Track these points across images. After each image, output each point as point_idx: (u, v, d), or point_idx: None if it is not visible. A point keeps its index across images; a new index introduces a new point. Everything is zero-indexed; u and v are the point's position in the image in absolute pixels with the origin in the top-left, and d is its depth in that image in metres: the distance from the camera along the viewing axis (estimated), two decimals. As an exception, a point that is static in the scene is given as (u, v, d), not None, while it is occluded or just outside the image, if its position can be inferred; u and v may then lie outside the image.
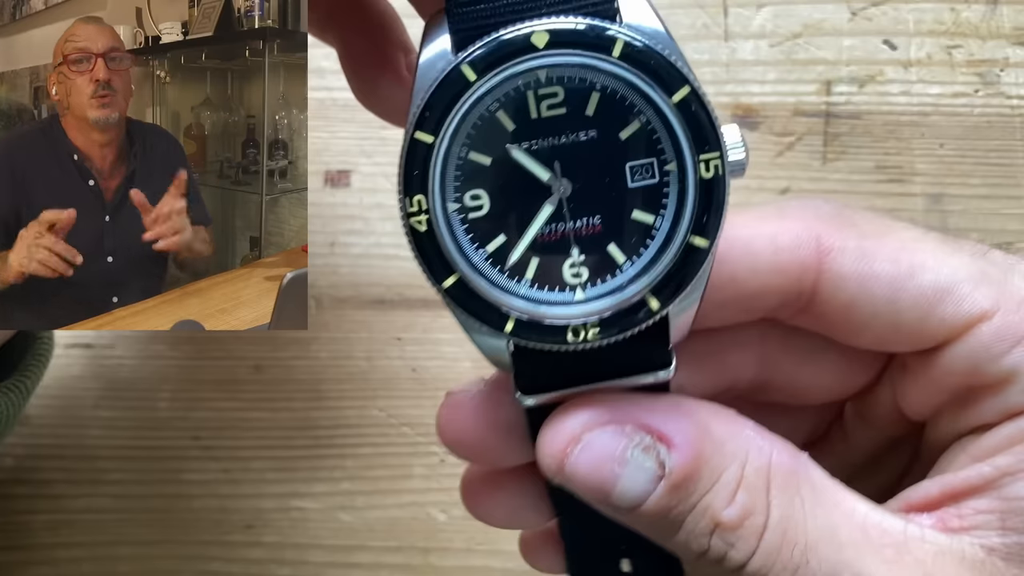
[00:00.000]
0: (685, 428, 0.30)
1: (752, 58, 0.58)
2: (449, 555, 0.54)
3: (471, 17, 0.30)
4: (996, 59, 0.57)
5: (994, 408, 0.32)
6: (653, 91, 0.29)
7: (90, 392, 0.56)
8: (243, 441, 0.55)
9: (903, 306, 0.32)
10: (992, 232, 0.55)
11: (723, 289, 0.33)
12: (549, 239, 0.30)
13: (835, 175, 0.56)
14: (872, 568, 0.30)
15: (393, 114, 0.43)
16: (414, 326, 0.56)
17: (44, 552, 0.55)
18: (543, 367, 0.31)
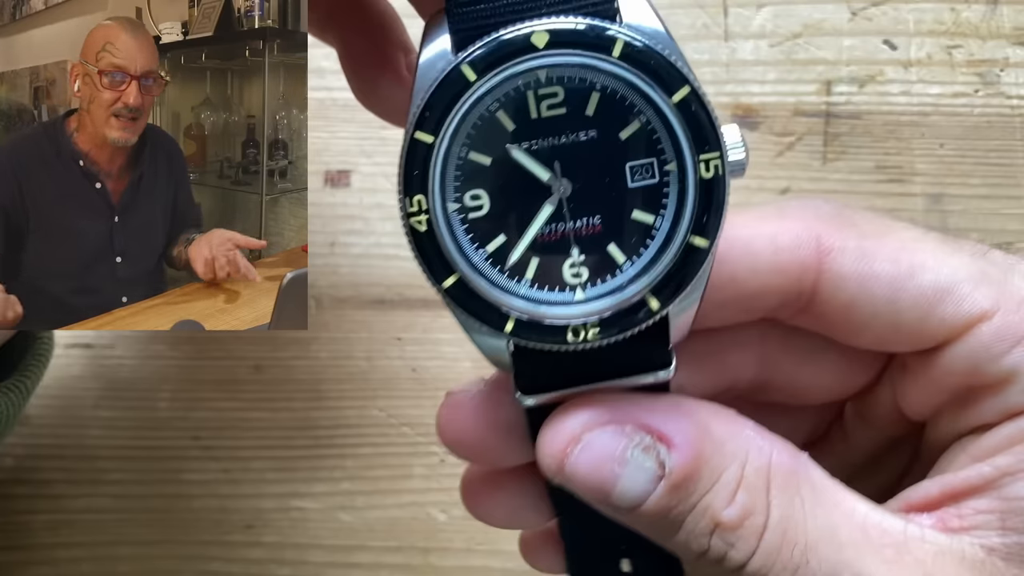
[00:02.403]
0: (685, 428, 0.30)
1: (752, 58, 0.58)
2: (449, 555, 0.54)
3: (471, 17, 0.30)
4: (996, 59, 0.57)
5: (994, 408, 0.32)
6: (653, 91, 0.29)
7: (90, 392, 0.56)
8: (243, 441, 0.55)
9: (903, 306, 0.32)
10: (992, 232, 0.55)
11: (723, 289, 0.33)
12: (549, 239, 0.30)
13: (835, 175, 0.56)
14: (872, 568, 0.30)
15: (393, 114, 0.43)
16: (414, 326, 0.56)
17: (44, 552, 0.55)
18: (543, 367, 0.31)
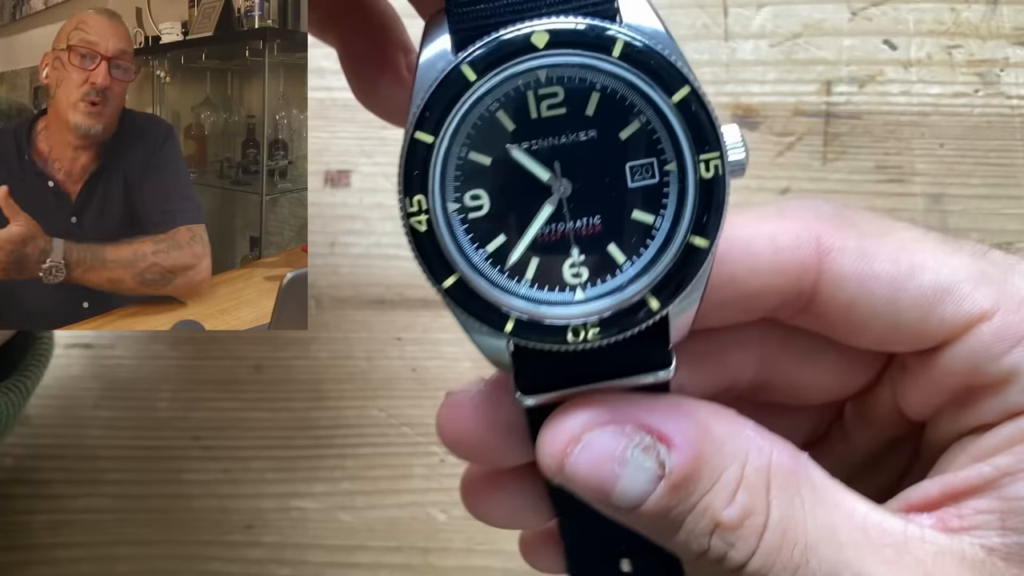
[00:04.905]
0: (685, 428, 0.30)
1: (752, 58, 0.58)
2: (449, 555, 0.54)
3: (471, 17, 0.30)
4: (996, 59, 0.57)
5: (994, 408, 0.32)
6: (653, 91, 0.29)
7: (90, 392, 0.56)
8: (243, 441, 0.55)
9: (903, 306, 0.32)
10: (992, 232, 0.55)
11: (723, 289, 0.33)
12: (549, 239, 0.30)
13: (835, 175, 0.56)
14: (872, 568, 0.30)
15: (393, 114, 0.43)
16: (414, 326, 0.56)
17: (44, 552, 0.55)
18: (543, 367, 0.31)
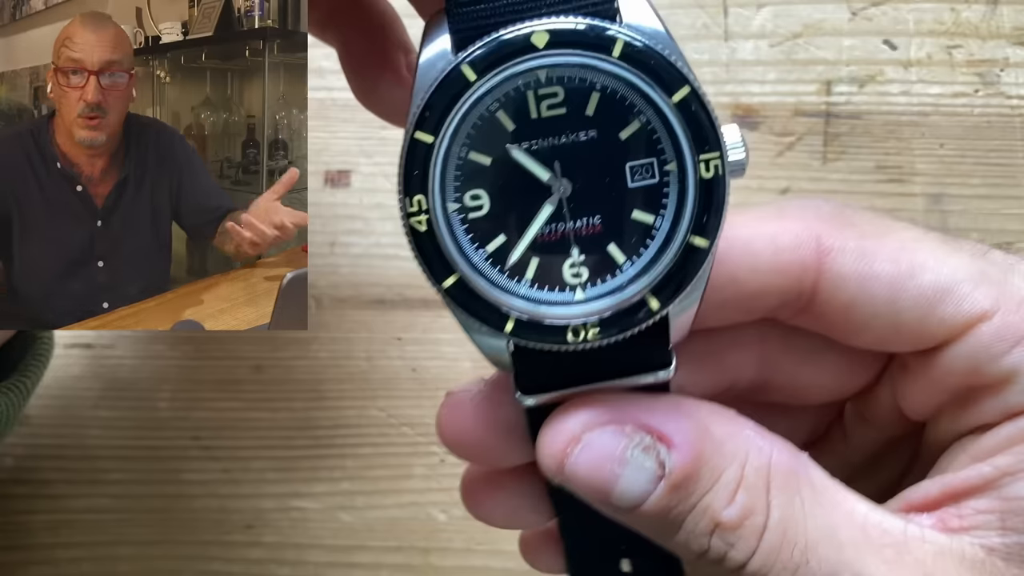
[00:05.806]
0: (685, 428, 0.30)
1: (752, 58, 0.58)
2: (449, 555, 0.54)
3: (471, 17, 0.30)
4: (996, 59, 0.57)
5: (994, 408, 0.32)
6: (653, 91, 0.29)
7: (90, 392, 0.56)
8: (243, 441, 0.55)
9: (903, 306, 0.32)
10: (992, 232, 0.55)
11: (723, 289, 0.33)
12: (549, 239, 0.30)
13: (835, 175, 0.56)
14: (872, 568, 0.30)
15: (393, 114, 0.43)
16: (414, 326, 0.56)
17: (44, 552, 0.55)
18: (543, 367, 0.31)
